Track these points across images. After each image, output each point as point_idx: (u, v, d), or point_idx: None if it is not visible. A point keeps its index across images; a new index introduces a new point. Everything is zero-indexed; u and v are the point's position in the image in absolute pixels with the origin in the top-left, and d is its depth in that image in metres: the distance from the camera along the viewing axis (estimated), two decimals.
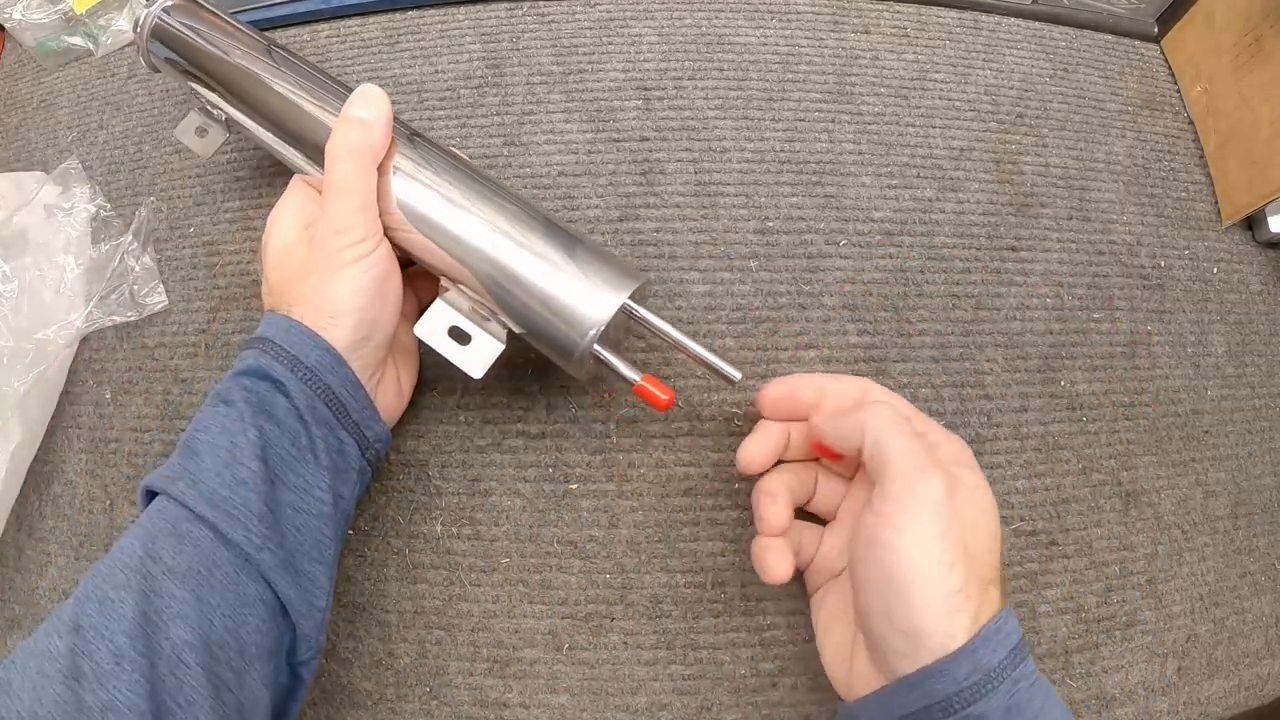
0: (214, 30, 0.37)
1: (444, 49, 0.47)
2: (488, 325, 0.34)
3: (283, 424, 0.28)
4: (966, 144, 0.45)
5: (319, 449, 0.29)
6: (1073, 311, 0.42)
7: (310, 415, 0.29)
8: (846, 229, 0.43)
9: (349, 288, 0.30)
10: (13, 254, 0.42)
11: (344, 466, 0.30)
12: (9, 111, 0.50)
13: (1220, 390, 0.42)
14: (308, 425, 0.29)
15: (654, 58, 0.47)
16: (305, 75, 0.35)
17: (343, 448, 0.30)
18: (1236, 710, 0.37)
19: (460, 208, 0.33)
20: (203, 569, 0.26)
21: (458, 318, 0.34)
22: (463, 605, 0.36)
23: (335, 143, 0.31)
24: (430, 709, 0.35)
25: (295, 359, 0.29)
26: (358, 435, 0.31)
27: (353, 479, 0.31)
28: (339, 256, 0.30)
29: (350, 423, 0.30)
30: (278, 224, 0.33)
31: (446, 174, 0.34)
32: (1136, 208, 0.45)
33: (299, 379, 0.29)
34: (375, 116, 0.32)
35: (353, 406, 0.30)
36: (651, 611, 0.36)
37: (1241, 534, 0.39)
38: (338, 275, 0.30)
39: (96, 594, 0.25)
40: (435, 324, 0.34)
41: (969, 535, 0.26)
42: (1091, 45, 0.50)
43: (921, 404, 0.39)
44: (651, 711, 0.35)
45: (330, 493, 0.29)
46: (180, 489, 0.27)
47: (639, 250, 0.42)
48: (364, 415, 0.31)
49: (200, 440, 0.28)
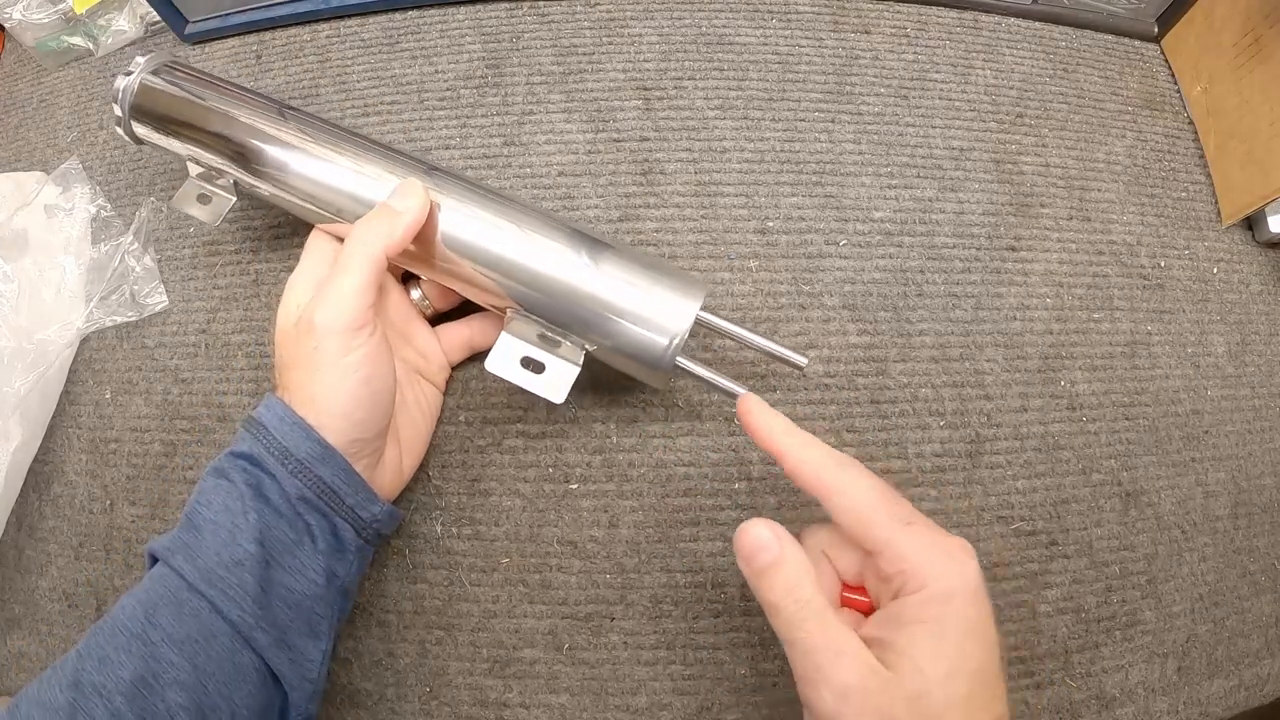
0: (213, 92, 0.36)
1: (444, 49, 0.47)
2: (558, 350, 0.34)
3: (279, 510, 0.28)
4: (966, 144, 0.45)
5: (315, 534, 0.29)
6: (1073, 311, 0.42)
7: (303, 505, 0.29)
8: (846, 229, 0.43)
9: (336, 392, 0.29)
10: (13, 254, 0.42)
11: (340, 548, 0.30)
12: (9, 111, 0.50)
13: (1220, 390, 0.42)
14: (301, 514, 0.29)
15: (654, 58, 0.47)
16: (330, 136, 0.35)
17: (338, 532, 0.30)
18: (1236, 710, 0.37)
19: (518, 235, 0.33)
20: (200, 638, 0.26)
21: (527, 348, 0.34)
22: (463, 605, 0.36)
23: (359, 224, 0.31)
24: (430, 709, 0.35)
25: (285, 450, 0.29)
26: (353, 519, 0.30)
27: (350, 559, 0.30)
28: (319, 358, 0.29)
29: (345, 508, 0.30)
30: (290, 293, 0.33)
31: (493, 205, 0.33)
32: (1136, 208, 0.45)
33: (289, 471, 0.29)
34: (405, 209, 0.31)
35: (346, 493, 0.30)
36: (651, 611, 0.36)
37: (1241, 534, 0.39)
38: (320, 376, 0.29)
39: (97, 652, 0.26)
40: (506, 357, 0.33)
41: None
42: (1091, 45, 0.50)
43: (921, 404, 0.39)
44: (651, 711, 0.35)
45: (325, 574, 0.29)
46: (180, 563, 0.27)
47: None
48: (359, 500, 0.30)
49: (202, 515, 0.28)
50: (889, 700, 0.24)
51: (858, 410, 0.39)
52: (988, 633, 0.25)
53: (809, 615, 0.25)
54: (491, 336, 0.38)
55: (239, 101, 0.36)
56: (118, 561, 0.38)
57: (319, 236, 0.35)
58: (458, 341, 0.38)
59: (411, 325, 0.37)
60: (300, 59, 0.48)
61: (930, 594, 0.25)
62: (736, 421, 0.32)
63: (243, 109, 0.36)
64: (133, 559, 0.38)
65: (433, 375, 0.37)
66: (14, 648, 0.38)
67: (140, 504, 0.39)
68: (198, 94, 0.36)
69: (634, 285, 0.32)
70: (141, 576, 0.29)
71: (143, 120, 0.37)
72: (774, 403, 0.39)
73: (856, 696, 0.24)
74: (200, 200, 0.39)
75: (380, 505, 0.31)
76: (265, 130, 0.35)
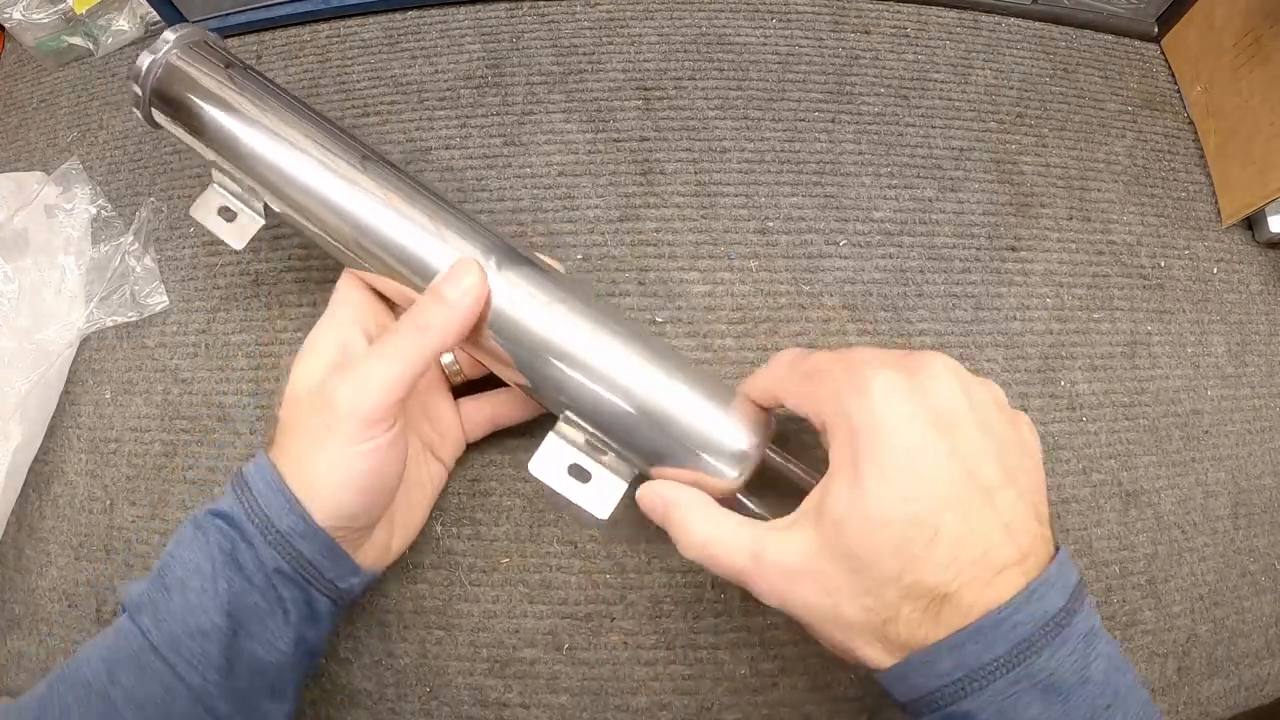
0: (254, 92, 0.31)
1: (444, 49, 0.47)
2: (604, 459, 0.30)
3: (251, 579, 0.27)
4: (966, 144, 0.45)
5: (288, 606, 0.27)
6: (1073, 311, 0.42)
7: (278, 578, 0.27)
8: (846, 229, 0.43)
9: (334, 475, 0.27)
10: (13, 254, 0.42)
11: (313, 618, 0.28)
12: (9, 111, 0.50)
13: (1220, 390, 0.42)
14: (275, 586, 0.27)
15: (654, 58, 0.47)
16: (393, 179, 0.31)
17: (313, 603, 0.28)
18: (1236, 710, 0.37)
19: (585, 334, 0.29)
20: (160, 701, 0.26)
21: (576, 454, 0.30)
22: (463, 605, 0.36)
23: (414, 311, 0.28)
24: (430, 709, 0.35)
25: (268, 520, 0.27)
26: (330, 591, 0.29)
27: (322, 625, 0.29)
28: (328, 435, 0.27)
29: (324, 581, 0.28)
30: (312, 352, 0.29)
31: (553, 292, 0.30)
32: (1136, 208, 0.45)
33: (267, 542, 0.27)
34: (461, 303, 0.28)
35: (326, 568, 0.28)
36: (651, 611, 0.36)
37: (1241, 534, 0.39)
38: (324, 455, 0.27)
39: (60, 701, 0.26)
40: (552, 462, 0.30)
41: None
42: (1091, 45, 0.50)
43: None
44: (651, 711, 0.35)
45: (294, 643, 0.28)
46: (146, 623, 0.26)
47: (639, 250, 0.42)
48: (339, 573, 0.29)
49: (173, 573, 0.27)
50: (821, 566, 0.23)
51: None
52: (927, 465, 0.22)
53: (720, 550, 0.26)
54: (516, 413, 0.36)
55: (284, 110, 0.31)
56: (118, 561, 0.38)
57: (352, 285, 0.32)
58: (480, 418, 0.36)
59: (435, 398, 0.34)
60: (300, 59, 0.48)
61: (838, 438, 0.24)
62: None
63: (288, 121, 0.31)
64: (133, 559, 0.38)
65: (445, 454, 0.35)
66: (14, 648, 0.38)
67: (140, 504, 0.39)
68: (235, 91, 0.31)
69: (702, 409, 0.29)
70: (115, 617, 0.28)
71: (166, 109, 0.32)
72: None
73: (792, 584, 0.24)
74: (223, 215, 0.34)
75: (360, 576, 0.30)
76: (314, 156, 0.31)
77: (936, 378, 0.24)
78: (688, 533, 0.27)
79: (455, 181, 0.44)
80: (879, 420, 0.23)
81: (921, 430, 0.23)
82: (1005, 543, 0.22)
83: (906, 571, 0.22)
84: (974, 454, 0.23)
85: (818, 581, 0.23)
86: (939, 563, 0.22)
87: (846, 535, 0.23)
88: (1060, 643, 0.21)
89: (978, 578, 0.22)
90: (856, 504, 0.23)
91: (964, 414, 0.23)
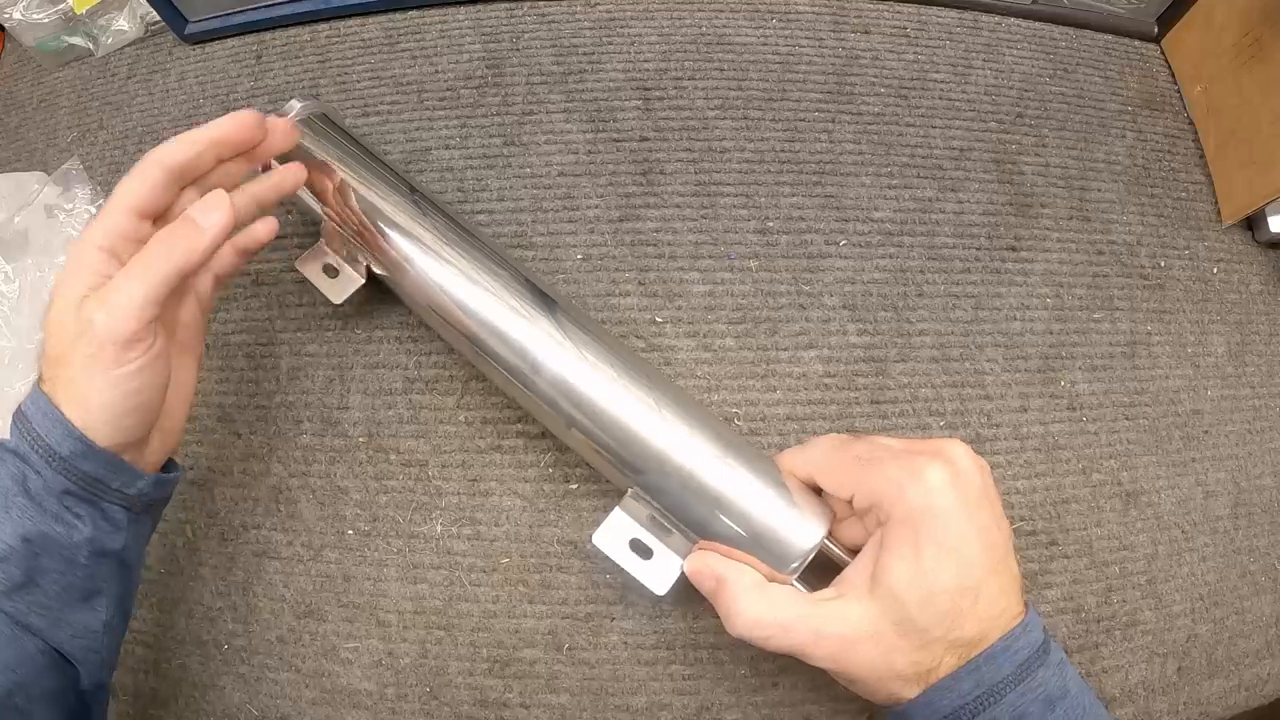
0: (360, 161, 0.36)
1: (444, 49, 0.47)
2: (668, 539, 0.32)
3: (42, 505, 0.28)
4: (966, 144, 0.45)
5: (82, 523, 0.29)
6: (1073, 311, 0.42)
7: (68, 498, 0.28)
8: (846, 229, 0.43)
9: (104, 398, 0.28)
10: (14, 254, 0.42)
11: (109, 528, 0.30)
12: (9, 111, 0.50)
13: (1220, 390, 0.42)
14: (68, 506, 0.29)
15: (654, 58, 0.47)
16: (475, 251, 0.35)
17: (107, 515, 0.29)
18: (1236, 710, 0.37)
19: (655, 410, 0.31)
20: None
21: (638, 530, 0.32)
22: (463, 605, 0.36)
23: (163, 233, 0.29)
24: (430, 709, 0.35)
25: (49, 448, 0.28)
26: (120, 499, 0.30)
27: (122, 533, 0.30)
28: (94, 364, 0.28)
29: (111, 492, 0.29)
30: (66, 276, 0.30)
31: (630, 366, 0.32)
32: (1136, 208, 0.45)
33: (53, 469, 0.28)
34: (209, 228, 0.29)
35: (110, 479, 0.29)
36: (651, 611, 0.36)
37: (1241, 534, 0.39)
38: (92, 381, 0.28)
39: None
40: (616, 535, 0.32)
41: None
42: (1091, 45, 0.50)
43: (921, 404, 0.39)
44: (651, 711, 0.35)
45: (92, 553, 0.29)
46: None
47: (639, 250, 0.42)
48: (124, 480, 0.30)
49: None
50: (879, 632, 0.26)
51: (858, 410, 0.39)
52: (969, 542, 0.26)
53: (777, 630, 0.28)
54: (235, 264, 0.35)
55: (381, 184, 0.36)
56: None
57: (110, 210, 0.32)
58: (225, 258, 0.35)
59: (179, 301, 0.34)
60: (300, 59, 0.48)
61: (895, 520, 0.27)
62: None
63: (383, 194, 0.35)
64: None
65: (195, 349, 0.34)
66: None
67: None
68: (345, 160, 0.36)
69: (765, 496, 0.30)
70: None
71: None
72: (774, 402, 0.39)
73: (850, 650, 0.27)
74: (327, 272, 0.38)
75: (145, 479, 0.30)
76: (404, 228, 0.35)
77: (965, 469, 0.28)
78: (741, 612, 0.28)
79: (455, 181, 0.44)
80: (936, 507, 0.27)
81: (965, 514, 0.27)
82: (1015, 594, 0.27)
83: (954, 630, 0.26)
84: (992, 527, 0.27)
85: (877, 645, 0.27)
86: (979, 619, 0.26)
87: (906, 603, 0.26)
88: (1046, 665, 0.26)
89: (997, 625, 0.26)
90: (916, 577, 0.26)
91: (981, 494, 0.28)
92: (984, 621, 0.26)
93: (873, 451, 0.29)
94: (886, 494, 0.28)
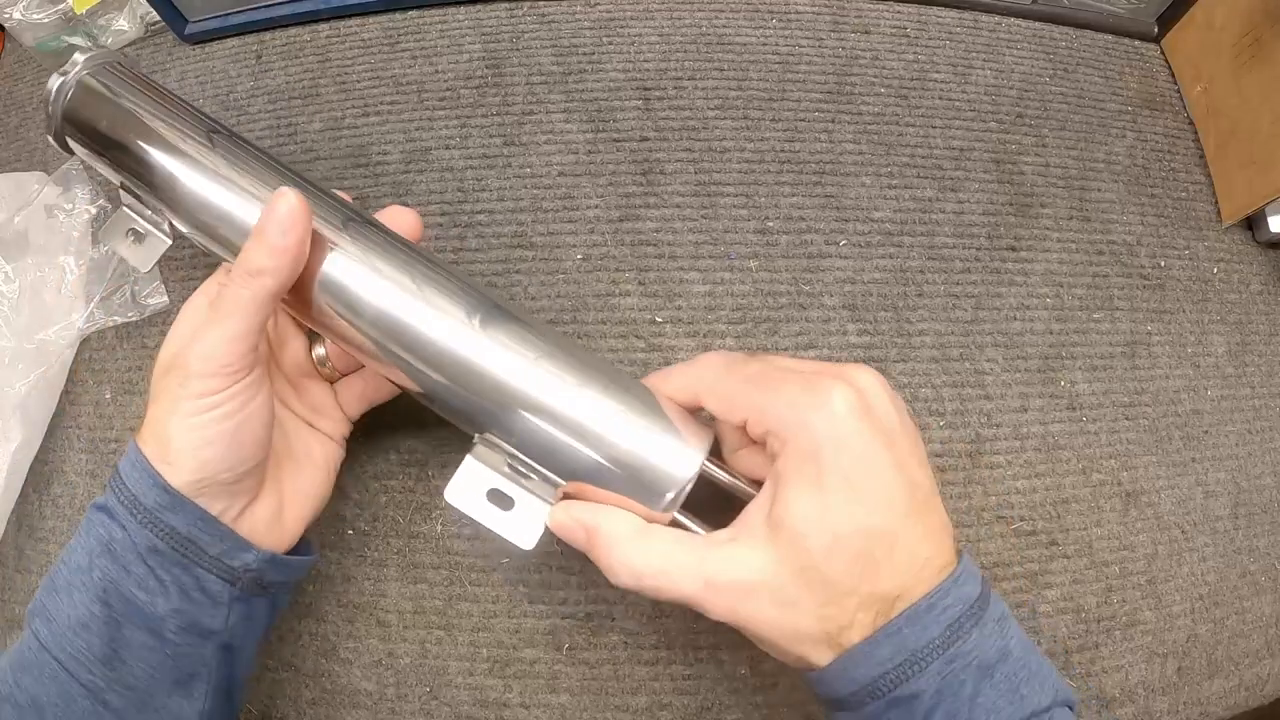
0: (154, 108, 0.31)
1: (444, 49, 0.47)
2: (529, 483, 0.28)
3: (126, 564, 0.26)
4: (966, 144, 0.45)
5: (169, 589, 0.26)
6: (1073, 311, 0.42)
7: (154, 558, 0.26)
8: (846, 229, 0.43)
9: (187, 427, 0.26)
10: (14, 254, 0.42)
11: (205, 601, 0.27)
12: (9, 111, 0.50)
13: (1220, 390, 0.42)
14: (153, 569, 0.26)
15: (654, 58, 0.47)
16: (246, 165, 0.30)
17: (203, 584, 0.27)
18: (1236, 710, 0.37)
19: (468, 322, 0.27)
20: (60, 701, 0.26)
21: (495, 478, 0.28)
22: (463, 605, 0.36)
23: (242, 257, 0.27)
24: (430, 709, 0.35)
25: (134, 498, 0.26)
26: (220, 569, 0.27)
27: (223, 611, 0.28)
28: (181, 392, 0.26)
29: (208, 559, 0.27)
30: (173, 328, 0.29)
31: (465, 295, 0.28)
32: (1136, 208, 0.45)
33: (138, 522, 0.26)
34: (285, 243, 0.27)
35: (207, 542, 0.27)
36: (651, 611, 0.36)
37: (1241, 534, 0.39)
38: (178, 410, 0.26)
39: None
40: (469, 488, 0.29)
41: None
42: (1091, 45, 0.50)
43: (921, 404, 0.39)
44: (651, 711, 0.35)
45: (184, 630, 0.27)
46: (38, 626, 0.26)
47: (639, 250, 0.42)
48: (225, 549, 0.27)
49: (60, 575, 0.27)
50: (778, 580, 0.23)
51: None
52: (882, 476, 0.23)
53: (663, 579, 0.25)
54: (385, 390, 0.34)
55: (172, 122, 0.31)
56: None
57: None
58: (353, 395, 0.35)
59: (305, 380, 0.34)
60: (300, 59, 0.48)
61: (794, 449, 0.24)
62: None
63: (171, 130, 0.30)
64: None
65: (328, 430, 0.34)
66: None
67: None
68: (137, 108, 0.31)
69: (628, 420, 0.27)
70: None
71: (77, 132, 0.32)
72: None
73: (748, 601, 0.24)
74: (131, 237, 0.34)
75: (253, 553, 0.28)
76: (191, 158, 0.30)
77: (877, 394, 0.24)
78: (619, 562, 0.25)
79: (455, 181, 0.44)
80: (842, 434, 0.23)
81: (877, 444, 0.23)
82: (944, 541, 0.24)
83: (866, 581, 0.23)
84: (912, 463, 0.24)
85: (774, 595, 0.23)
86: (896, 570, 0.23)
87: (809, 547, 0.23)
88: (982, 624, 0.23)
89: (921, 578, 0.23)
90: (821, 516, 0.23)
91: (898, 426, 0.24)
92: (904, 573, 0.23)
93: (768, 371, 0.26)
94: (784, 418, 0.24)
